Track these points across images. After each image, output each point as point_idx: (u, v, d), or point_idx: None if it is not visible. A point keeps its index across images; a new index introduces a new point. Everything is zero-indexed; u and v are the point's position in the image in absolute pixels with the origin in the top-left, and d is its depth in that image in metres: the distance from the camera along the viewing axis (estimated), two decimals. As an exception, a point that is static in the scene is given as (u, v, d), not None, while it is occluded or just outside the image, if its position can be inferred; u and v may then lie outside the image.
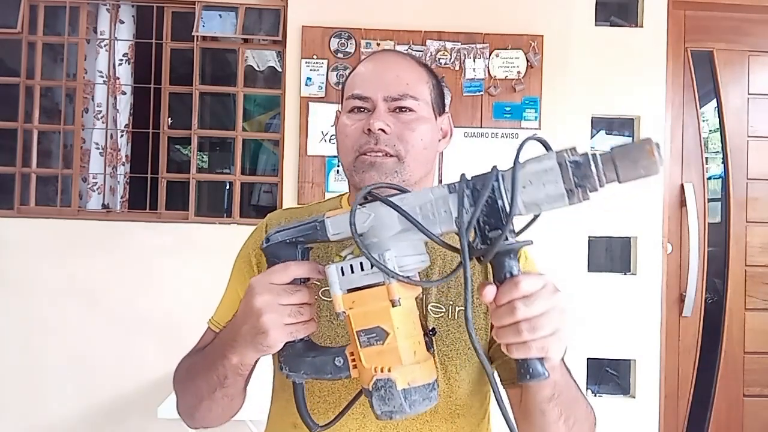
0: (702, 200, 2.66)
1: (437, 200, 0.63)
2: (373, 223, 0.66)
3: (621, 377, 2.67)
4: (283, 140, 2.58)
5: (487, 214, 0.61)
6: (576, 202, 0.59)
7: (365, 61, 0.95)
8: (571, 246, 2.55)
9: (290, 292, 0.69)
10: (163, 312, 2.51)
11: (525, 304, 0.61)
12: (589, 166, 0.58)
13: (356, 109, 0.90)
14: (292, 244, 0.71)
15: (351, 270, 0.66)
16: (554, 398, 0.72)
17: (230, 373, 0.78)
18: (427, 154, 0.90)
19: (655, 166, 0.56)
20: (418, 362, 0.65)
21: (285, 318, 0.68)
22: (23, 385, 2.51)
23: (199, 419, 0.90)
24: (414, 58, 0.96)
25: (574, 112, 2.58)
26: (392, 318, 0.64)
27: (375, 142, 0.86)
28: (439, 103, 0.95)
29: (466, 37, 2.56)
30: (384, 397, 0.63)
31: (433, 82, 0.94)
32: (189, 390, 0.88)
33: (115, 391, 2.52)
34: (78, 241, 2.54)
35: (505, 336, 0.63)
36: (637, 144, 0.57)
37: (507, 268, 0.63)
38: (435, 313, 0.88)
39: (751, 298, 2.69)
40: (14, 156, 2.60)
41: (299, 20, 2.56)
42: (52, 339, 2.51)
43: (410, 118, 0.88)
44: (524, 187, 0.60)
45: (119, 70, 2.72)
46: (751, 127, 2.72)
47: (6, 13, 2.57)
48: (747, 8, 2.68)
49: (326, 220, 0.68)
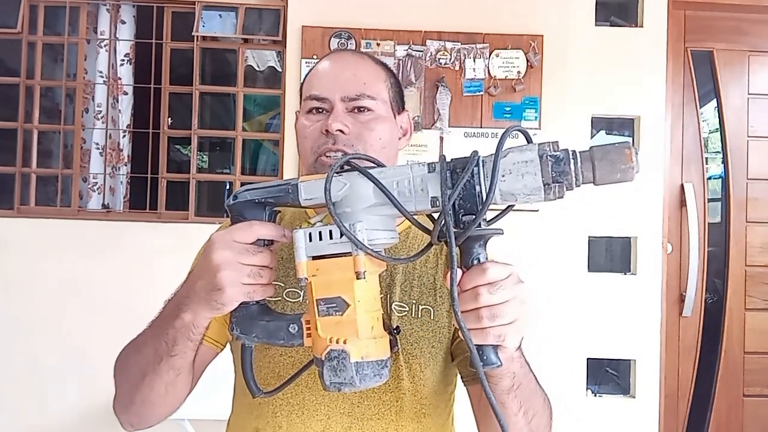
0: (702, 200, 2.66)
1: (416, 178, 0.63)
2: (348, 192, 0.65)
3: (621, 377, 2.67)
4: (283, 140, 2.58)
5: (463, 198, 0.61)
6: (551, 198, 0.59)
7: (322, 61, 0.95)
8: (571, 246, 2.55)
9: (252, 252, 0.67)
10: (163, 312, 2.51)
11: (489, 291, 0.61)
12: (568, 163, 0.58)
13: (314, 110, 0.90)
14: (260, 205, 0.70)
15: (319, 237, 0.65)
16: (513, 389, 0.72)
17: (180, 336, 0.74)
18: (387, 153, 0.90)
19: (631, 173, 0.56)
20: (374, 338, 0.66)
21: (243, 277, 0.67)
22: (23, 385, 2.51)
23: (138, 404, 0.82)
24: (371, 56, 0.97)
25: (574, 112, 2.58)
26: (355, 290, 0.63)
27: (333, 142, 0.86)
28: (398, 101, 0.95)
29: (466, 37, 2.56)
30: (336, 368, 0.63)
31: (391, 80, 0.94)
32: (131, 367, 0.82)
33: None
34: (78, 241, 2.54)
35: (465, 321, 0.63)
36: (617, 146, 0.57)
37: (475, 254, 0.63)
38: (399, 312, 0.88)
39: (751, 298, 2.69)
40: (14, 156, 2.60)
41: (299, 20, 2.56)
42: (52, 339, 2.51)
43: (368, 117, 0.88)
44: (503, 176, 0.60)
45: (121, 70, 2.73)
46: (751, 127, 2.72)
47: (6, 13, 2.57)
48: (747, 8, 2.68)
49: (300, 184, 0.67)
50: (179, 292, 0.77)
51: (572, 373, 2.53)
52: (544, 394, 0.82)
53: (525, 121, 2.56)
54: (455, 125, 2.54)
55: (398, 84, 0.97)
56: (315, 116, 0.89)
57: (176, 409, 0.87)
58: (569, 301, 2.55)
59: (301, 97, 0.94)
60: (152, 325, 0.81)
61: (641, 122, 2.61)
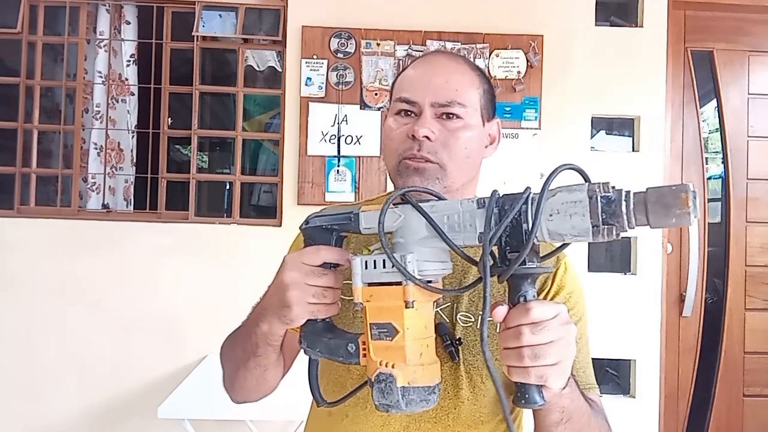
0: (702, 200, 2.66)
1: (465, 213, 0.65)
2: (402, 224, 0.69)
3: (621, 377, 2.67)
4: (283, 140, 2.58)
5: (510, 234, 0.62)
6: (601, 240, 0.57)
7: (416, 62, 0.94)
8: (571, 246, 2.54)
9: (318, 274, 0.73)
10: (163, 312, 2.51)
11: (532, 331, 0.62)
12: (620, 205, 0.56)
13: (403, 112, 0.89)
14: (327, 230, 0.76)
15: (374, 265, 0.68)
16: (562, 423, 0.73)
17: (260, 341, 0.82)
18: (471, 162, 0.89)
19: (688, 218, 0.54)
20: (422, 364, 0.67)
21: (309, 297, 0.73)
22: (23, 385, 2.51)
23: (237, 389, 0.94)
24: (466, 61, 0.94)
25: (574, 112, 2.58)
26: (404, 318, 0.66)
27: (418, 148, 0.85)
28: (489, 108, 0.93)
29: (466, 37, 2.56)
30: (383, 390, 0.66)
31: (484, 87, 0.92)
32: (229, 359, 0.94)
33: (115, 391, 2.52)
34: (78, 241, 2.54)
35: (508, 358, 0.64)
36: (674, 189, 0.55)
37: (521, 291, 0.64)
38: (464, 323, 0.88)
39: (751, 298, 2.69)
40: (14, 156, 2.60)
41: (299, 20, 2.56)
42: (52, 339, 2.51)
43: (456, 125, 0.87)
44: (551, 215, 0.59)
45: (127, 71, 2.74)
46: (751, 127, 2.72)
47: (6, 13, 2.57)
48: (747, 8, 2.68)
49: (360, 213, 0.73)
50: (260, 301, 0.84)
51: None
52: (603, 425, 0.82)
53: (525, 121, 2.56)
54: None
55: (491, 90, 0.94)
56: (403, 119, 0.88)
57: (272, 390, 0.97)
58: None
59: (391, 96, 0.94)
60: (243, 326, 0.89)
61: (641, 122, 2.61)
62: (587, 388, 0.87)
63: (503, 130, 2.51)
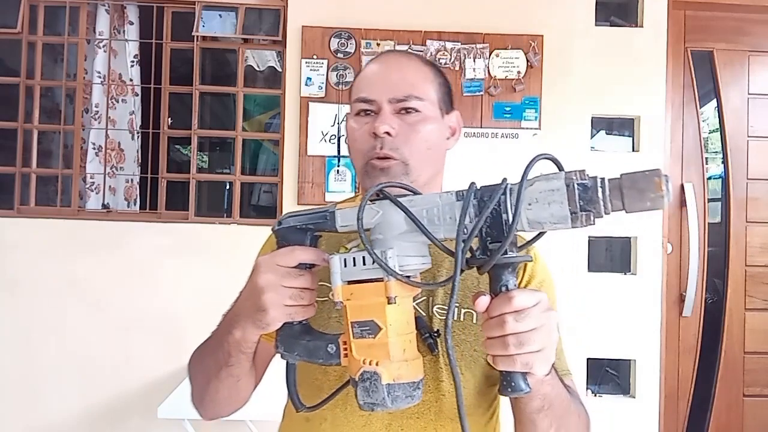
0: (702, 200, 2.66)
1: (444, 206, 0.65)
2: (380, 220, 0.68)
3: (621, 377, 2.67)
4: (283, 140, 2.58)
5: (490, 225, 0.62)
6: (579, 226, 0.59)
7: (370, 63, 0.96)
8: (571, 246, 2.55)
9: (294, 276, 0.71)
10: (163, 312, 2.51)
11: (515, 319, 0.62)
12: (596, 191, 0.58)
13: (362, 112, 0.90)
14: (302, 230, 0.74)
15: (353, 263, 0.68)
16: (544, 410, 0.73)
17: (233, 349, 0.79)
18: (433, 154, 0.90)
19: (661, 201, 0.56)
20: (406, 360, 0.67)
21: (285, 299, 0.71)
22: (23, 385, 2.51)
23: (208, 403, 0.91)
24: (419, 57, 0.96)
25: (574, 112, 2.58)
26: (386, 314, 0.66)
27: (380, 146, 0.86)
28: (447, 100, 0.95)
29: (466, 37, 2.56)
30: (368, 389, 0.66)
31: (439, 80, 0.94)
32: (199, 371, 0.91)
33: (115, 391, 2.52)
34: (78, 241, 2.54)
35: (492, 347, 0.65)
36: (647, 174, 0.57)
37: (503, 281, 0.64)
38: (440, 315, 0.89)
39: (751, 298, 2.69)
40: (14, 156, 2.60)
41: (299, 20, 2.56)
42: (52, 339, 2.51)
43: (415, 119, 0.88)
44: (530, 204, 0.60)
45: (132, 71, 2.74)
46: (751, 127, 2.72)
47: (6, 13, 2.57)
48: (747, 8, 2.68)
49: (336, 212, 0.71)
50: (231, 308, 0.82)
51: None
52: (581, 410, 0.83)
53: (525, 121, 2.56)
54: (455, 125, 2.54)
55: (447, 83, 0.96)
56: (363, 119, 0.90)
57: (244, 403, 0.94)
58: (569, 301, 2.55)
59: (351, 99, 0.95)
60: (213, 336, 0.87)
61: (641, 122, 2.61)
62: (563, 374, 0.87)
63: (504, 130, 2.55)
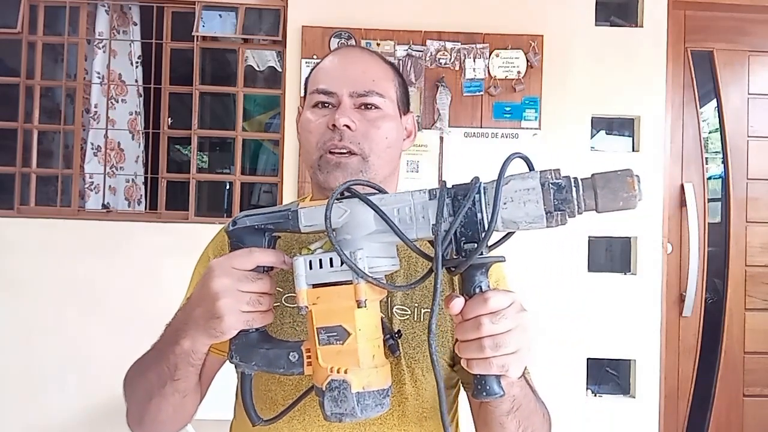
0: (702, 200, 2.66)
1: (416, 205, 0.63)
2: (348, 219, 0.64)
3: (621, 377, 2.67)
4: (283, 140, 2.58)
5: (464, 225, 0.61)
6: (553, 225, 0.58)
7: (330, 55, 0.94)
8: (571, 246, 2.55)
9: (251, 279, 0.66)
10: (163, 312, 2.50)
11: (491, 321, 0.61)
12: (570, 191, 0.58)
13: (320, 104, 0.88)
14: (259, 231, 0.69)
15: (320, 265, 0.64)
16: (513, 411, 0.72)
17: (181, 361, 0.74)
18: (391, 152, 0.89)
19: (634, 200, 0.56)
20: (375, 367, 0.65)
21: (242, 305, 0.66)
22: (23, 385, 2.51)
23: (148, 423, 0.84)
24: (379, 55, 0.95)
25: (574, 112, 2.58)
26: (356, 319, 0.63)
27: (339, 138, 0.84)
28: (404, 101, 0.94)
29: (466, 37, 2.56)
30: (337, 398, 0.62)
31: (398, 80, 0.93)
32: (138, 389, 0.83)
33: (115, 391, 2.49)
34: (78, 241, 2.54)
35: (467, 351, 0.62)
36: (619, 174, 0.57)
37: (477, 282, 0.63)
38: (400, 316, 0.87)
39: (751, 298, 2.69)
40: (14, 156, 2.60)
41: (299, 20, 2.56)
42: (52, 339, 2.51)
43: (375, 115, 0.87)
44: (505, 203, 0.59)
45: (137, 72, 2.74)
46: (751, 127, 2.72)
47: (6, 13, 2.57)
48: (747, 8, 2.68)
49: (300, 210, 0.67)
50: (178, 317, 0.76)
51: (572, 373, 2.53)
52: (544, 409, 0.82)
53: (525, 121, 2.56)
54: (455, 125, 2.54)
55: (405, 84, 0.95)
56: (321, 111, 0.88)
57: (189, 421, 0.88)
58: (569, 301, 2.55)
59: (306, 91, 0.93)
60: (155, 348, 0.81)
61: (641, 122, 2.61)
62: None
63: (504, 130, 2.55)
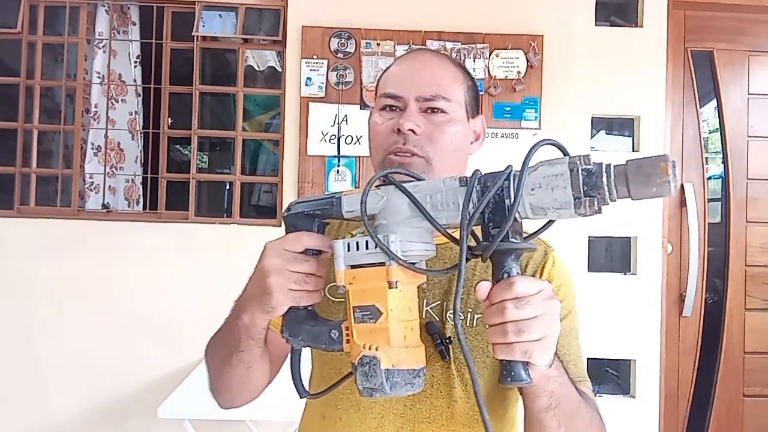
0: (702, 200, 2.66)
1: (447, 191, 0.65)
2: (384, 205, 0.68)
3: (621, 377, 2.67)
4: (283, 140, 2.58)
5: (492, 211, 0.62)
6: (584, 213, 0.57)
7: (400, 59, 0.96)
8: (571, 246, 2.55)
9: (299, 260, 0.72)
10: (163, 312, 2.51)
11: (515, 306, 0.61)
12: (600, 176, 0.56)
13: (388, 107, 0.90)
14: (309, 216, 0.74)
15: (356, 247, 0.68)
16: (551, 408, 0.71)
17: (243, 335, 0.80)
18: (456, 156, 0.89)
19: (668, 187, 0.54)
20: (406, 347, 0.67)
21: (290, 283, 0.71)
22: (23, 385, 2.51)
23: (222, 390, 0.92)
24: (449, 58, 0.96)
25: (574, 112, 2.58)
26: (387, 299, 0.65)
27: (404, 141, 0.86)
28: (474, 104, 0.94)
29: (466, 37, 2.56)
30: (367, 373, 0.65)
31: (468, 83, 0.93)
32: (214, 357, 0.92)
33: (115, 391, 2.52)
34: (78, 241, 2.54)
35: (492, 335, 0.63)
36: (653, 159, 0.55)
37: (506, 268, 0.63)
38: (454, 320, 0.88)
39: (751, 298, 2.69)
40: (14, 156, 2.60)
41: (299, 20, 2.56)
42: (52, 339, 2.51)
43: (441, 119, 0.87)
44: (533, 189, 0.59)
45: (135, 72, 2.74)
46: (751, 127, 2.72)
47: (6, 13, 2.57)
48: (747, 8, 2.68)
49: (342, 197, 0.71)
50: (242, 294, 0.82)
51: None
52: (594, 416, 0.81)
53: (525, 121, 2.56)
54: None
55: (475, 87, 0.95)
56: (388, 114, 0.89)
57: (258, 393, 0.94)
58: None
59: (376, 94, 0.94)
60: (225, 322, 0.88)
61: (641, 122, 2.61)
62: (579, 381, 0.86)
63: (504, 130, 2.55)
